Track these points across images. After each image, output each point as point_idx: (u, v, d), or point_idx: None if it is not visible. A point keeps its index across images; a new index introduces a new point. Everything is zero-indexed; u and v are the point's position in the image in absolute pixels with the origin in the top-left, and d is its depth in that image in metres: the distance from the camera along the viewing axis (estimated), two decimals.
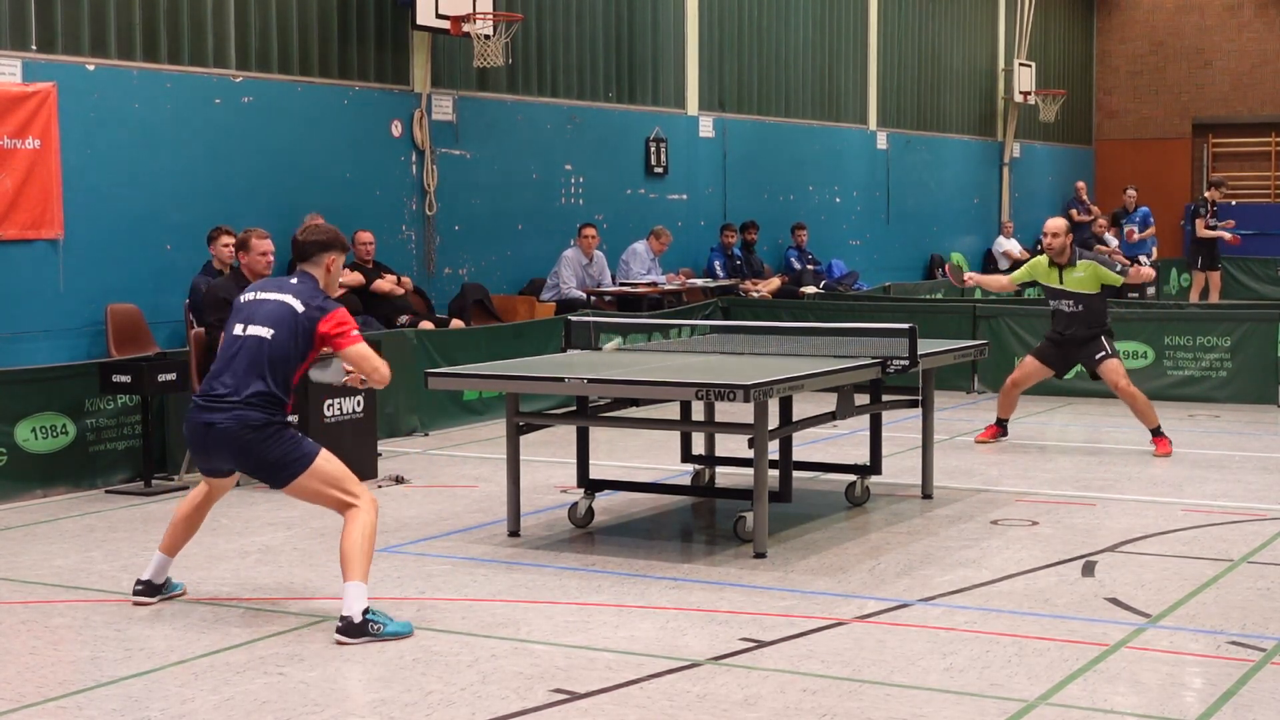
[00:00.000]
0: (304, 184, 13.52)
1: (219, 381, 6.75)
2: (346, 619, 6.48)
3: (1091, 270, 11.15)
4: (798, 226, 20.13)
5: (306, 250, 6.96)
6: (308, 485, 6.72)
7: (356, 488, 6.77)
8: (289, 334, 6.71)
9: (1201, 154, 29.63)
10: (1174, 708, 5.58)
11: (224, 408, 6.67)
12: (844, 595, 7.24)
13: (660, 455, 11.12)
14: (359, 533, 6.62)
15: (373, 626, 6.48)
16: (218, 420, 6.66)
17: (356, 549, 6.58)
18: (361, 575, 6.55)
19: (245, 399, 6.65)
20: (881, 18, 22.69)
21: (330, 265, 6.96)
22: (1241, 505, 9.32)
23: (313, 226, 7.11)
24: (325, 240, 6.97)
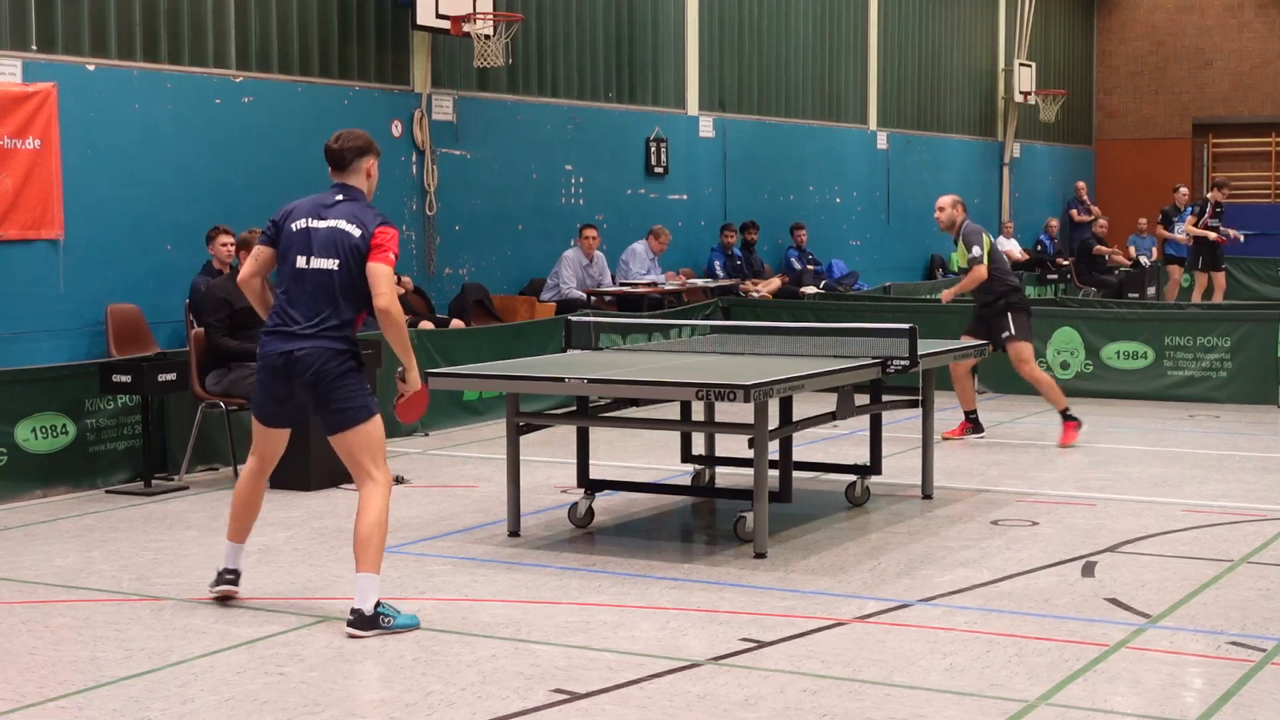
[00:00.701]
0: (304, 184, 13.38)
1: (295, 312, 6.70)
2: (358, 612, 6.52)
3: (961, 250, 11.54)
4: (796, 226, 20.13)
5: (345, 158, 6.83)
6: (352, 440, 6.73)
7: (383, 464, 6.81)
8: (356, 262, 6.66)
9: (1201, 154, 29.64)
10: (1174, 708, 5.58)
11: (305, 335, 6.66)
12: (844, 595, 7.24)
13: (660, 455, 11.12)
14: (374, 519, 6.64)
15: (383, 620, 6.53)
16: (298, 348, 6.65)
17: (372, 537, 6.60)
18: (374, 567, 6.59)
19: (323, 330, 6.65)
20: (881, 18, 22.70)
21: (369, 170, 6.88)
22: (1241, 505, 9.32)
23: (346, 133, 6.91)
24: (362, 145, 6.85)
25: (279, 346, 6.72)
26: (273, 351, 6.74)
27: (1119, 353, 14.32)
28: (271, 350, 6.75)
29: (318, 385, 6.69)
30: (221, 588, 7.11)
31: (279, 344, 6.72)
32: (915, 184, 23.72)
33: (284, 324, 6.73)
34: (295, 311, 6.71)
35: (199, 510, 9.48)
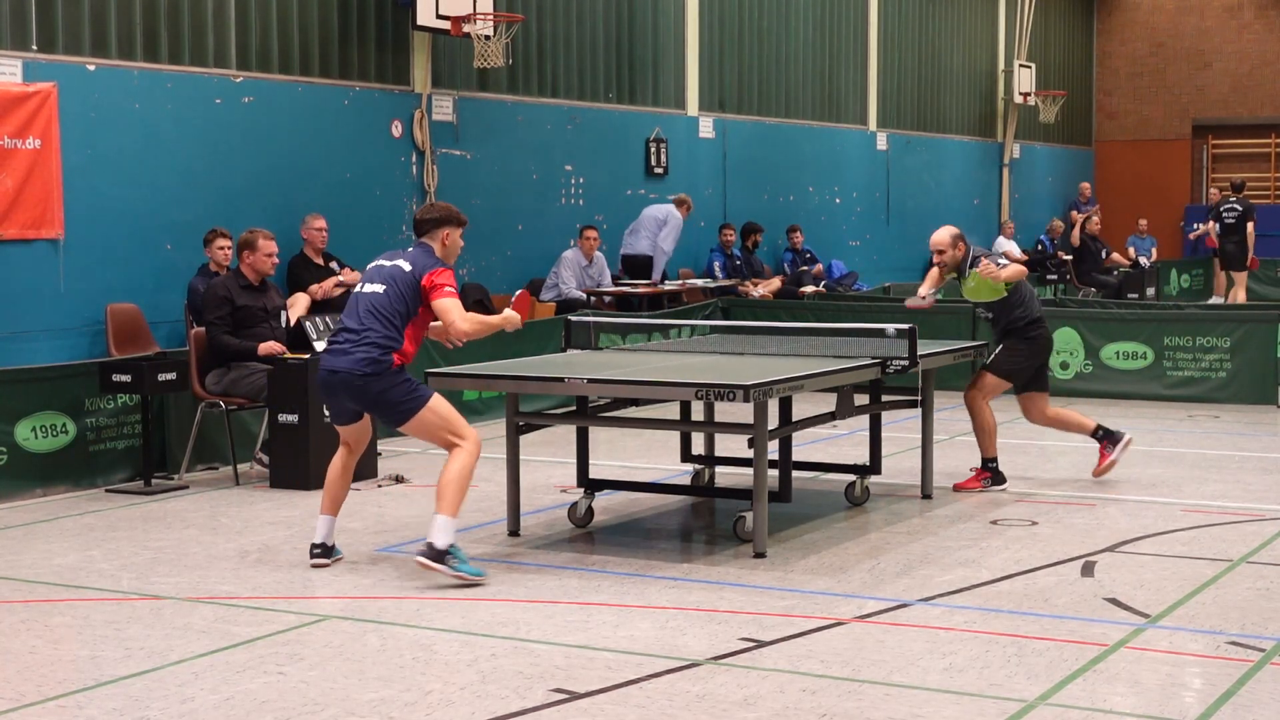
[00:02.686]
0: (304, 184, 13.52)
1: (341, 331, 7.59)
2: (430, 545, 7.29)
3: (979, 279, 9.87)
4: (791, 229, 20.10)
5: (422, 226, 7.83)
6: (422, 424, 7.50)
7: (465, 430, 7.55)
8: (398, 288, 7.55)
9: (1201, 155, 29.64)
10: (1173, 708, 5.58)
11: (345, 350, 7.49)
12: (843, 595, 7.25)
13: (660, 455, 11.12)
14: (457, 469, 7.40)
15: (450, 560, 7.27)
16: (339, 362, 7.49)
17: (452, 484, 7.36)
18: (451, 510, 7.32)
19: (362, 341, 7.45)
20: (881, 18, 22.70)
21: (445, 239, 7.78)
22: (1241, 505, 9.33)
23: (428, 205, 8.05)
24: (439, 217, 7.81)
25: (326, 361, 7.60)
26: (322, 366, 7.62)
27: (1118, 353, 14.32)
28: (321, 365, 7.64)
29: (361, 393, 7.51)
30: (314, 561, 7.82)
31: (325, 359, 7.62)
32: (915, 185, 23.73)
33: (332, 340, 7.65)
34: (341, 333, 7.60)
35: (199, 509, 9.48)
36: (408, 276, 7.59)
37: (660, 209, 17.04)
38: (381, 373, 7.44)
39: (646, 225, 16.94)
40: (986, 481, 9.90)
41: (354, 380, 7.44)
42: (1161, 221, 28.74)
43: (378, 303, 7.54)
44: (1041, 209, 27.54)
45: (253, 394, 10.41)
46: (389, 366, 7.46)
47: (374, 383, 7.44)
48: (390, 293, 7.55)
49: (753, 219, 19.20)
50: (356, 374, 7.43)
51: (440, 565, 7.27)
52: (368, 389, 7.45)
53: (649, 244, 16.90)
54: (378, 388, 7.44)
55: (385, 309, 7.53)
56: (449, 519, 7.32)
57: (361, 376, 7.43)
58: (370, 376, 7.43)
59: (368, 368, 7.42)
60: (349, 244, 13.65)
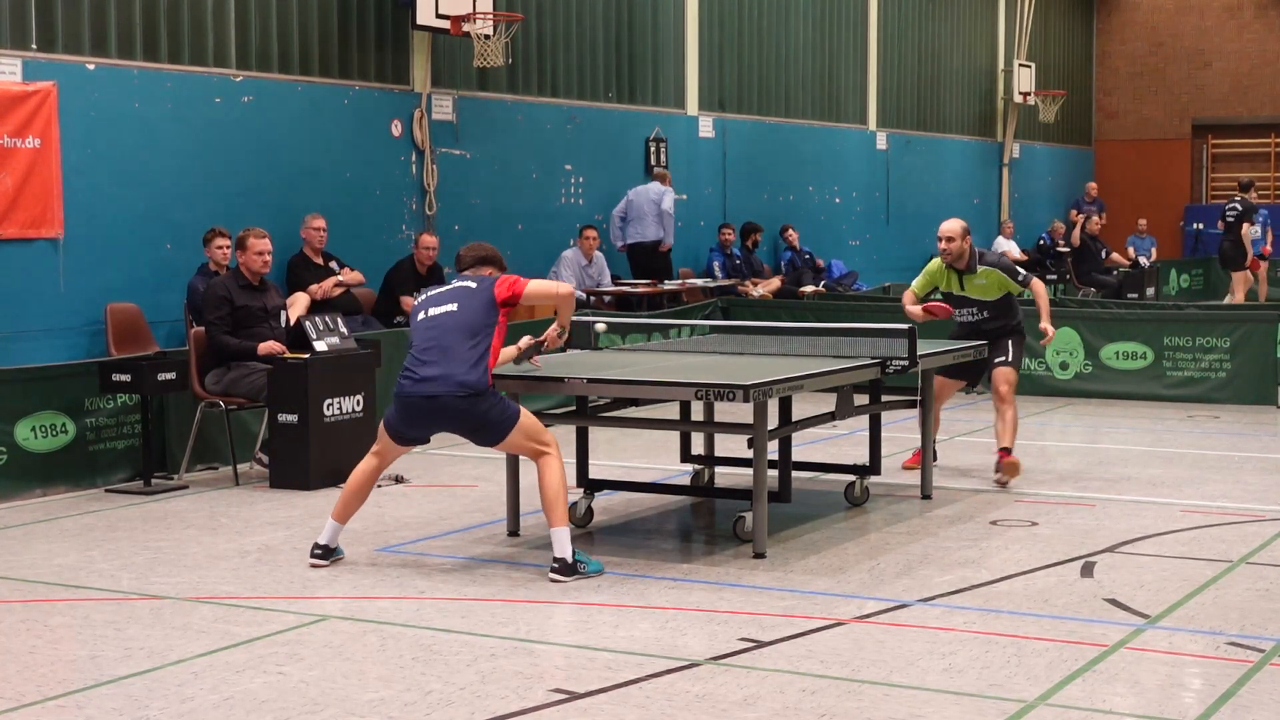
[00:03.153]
0: (304, 184, 13.52)
1: (427, 356, 7.54)
2: (561, 560, 7.44)
3: (995, 277, 10.17)
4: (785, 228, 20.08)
5: (463, 263, 8.09)
6: (515, 440, 7.63)
7: (548, 438, 7.67)
8: (472, 304, 7.63)
9: (1201, 155, 29.65)
10: (1173, 708, 5.58)
11: (441, 378, 7.46)
12: (843, 595, 7.25)
13: (660, 455, 11.12)
14: (555, 480, 7.51)
15: (580, 566, 7.47)
16: (438, 388, 7.46)
17: (557, 497, 7.47)
18: (564, 521, 7.49)
19: (461, 363, 7.47)
20: (881, 18, 22.70)
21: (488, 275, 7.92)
22: (1241, 506, 9.33)
23: (472, 245, 8.27)
24: (483, 256, 8.13)
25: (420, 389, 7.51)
26: (415, 394, 7.53)
27: (1118, 353, 14.32)
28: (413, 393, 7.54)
29: (464, 418, 7.54)
30: (312, 561, 7.84)
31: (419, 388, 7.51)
32: (915, 184, 23.73)
33: (417, 369, 7.56)
34: (428, 357, 7.55)
35: (198, 509, 9.48)
36: (476, 292, 7.69)
37: (652, 191, 16.99)
38: (484, 393, 7.48)
39: (646, 210, 16.92)
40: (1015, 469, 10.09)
41: (459, 404, 7.44)
42: (1161, 221, 28.75)
43: (459, 322, 7.57)
44: (1041, 209, 27.54)
45: (252, 394, 10.41)
46: (486, 385, 7.51)
47: (479, 403, 7.46)
48: (464, 308, 7.61)
49: (752, 219, 19.20)
50: (460, 396, 7.43)
51: (573, 576, 7.43)
52: (473, 410, 7.47)
53: (656, 229, 16.93)
54: (482, 408, 7.48)
55: (468, 327, 7.56)
56: (565, 530, 7.47)
57: (467, 399, 7.43)
58: (475, 398, 7.45)
59: (472, 390, 7.44)
60: (349, 244, 13.65)
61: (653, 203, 16.94)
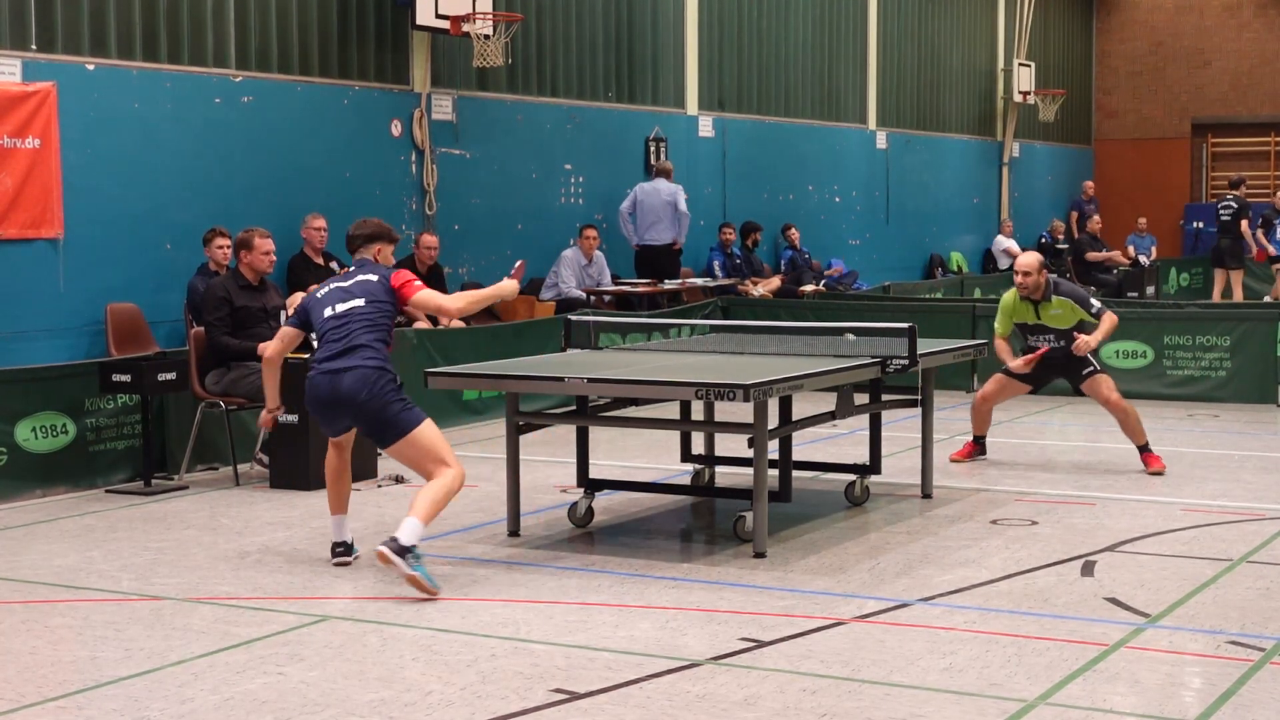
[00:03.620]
0: (304, 184, 13.52)
1: (335, 350, 7.51)
2: (395, 540, 7.16)
3: (1068, 308, 10.54)
4: (786, 227, 20.10)
5: (354, 242, 7.93)
6: (407, 448, 7.47)
7: (451, 459, 7.50)
8: (376, 299, 7.62)
9: (1201, 154, 29.64)
10: (1173, 708, 5.58)
11: (346, 367, 7.44)
12: (843, 595, 7.25)
13: (660, 455, 11.12)
14: (441, 485, 7.38)
15: (410, 558, 7.14)
16: (344, 381, 7.43)
17: (430, 496, 7.33)
18: (425, 517, 7.25)
19: (363, 355, 7.46)
20: (881, 18, 22.70)
21: (377, 255, 7.91)
22: (1241, 505, 9.33)
23: (361, 221, 8.06)
24: (370, 233, 7.95)
25: (324, 380, 7.50)
26: (320, 384, 7.52)
27: (1118, 352, 14.32)
28: (318, 383, 7.53)
29: (361, 409, 7.45)
30: (336, 560, 7.86)
31: (323, 378, 7.51)
32: (915, 184, 23.73)
33: (324, 358, 7.53)
34: (332, 349, 7.52)
35: (199, 510, 9.48)
36: (378, 283, 7.66)
37: (664, 191, 16.98)
38: (381, 389, 7.43)
39: (661, 212, 16.92)
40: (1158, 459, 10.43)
41: (358, 398, 7.42)
42: (1161, 220, 28.74)
43: (366, 317, 7.56)
44: (1041, 208, 27.54)
45: (253, 394, 10.40)
46: (389, 379, 7.48)
47: (377, 400, 7.42)
48: (373, 305, 7.60)
49: (752, 218, 19.20)
50: (360, 392, 7.41)
51: (400, 560, 7.14)
52: (370, 405, 7.43)
53: (671, 230, 16.95)
54: (377, 404, 7.43)
55: (375, 323, 7.56)
56: (419, 524, 7.23)
57: (368, 394, 7.41)
58: (375, 394, 7.42)
59: (367, 386, 7.42)
60: None
61: (667, 204, 16.92)
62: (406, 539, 7.17)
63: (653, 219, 16.98)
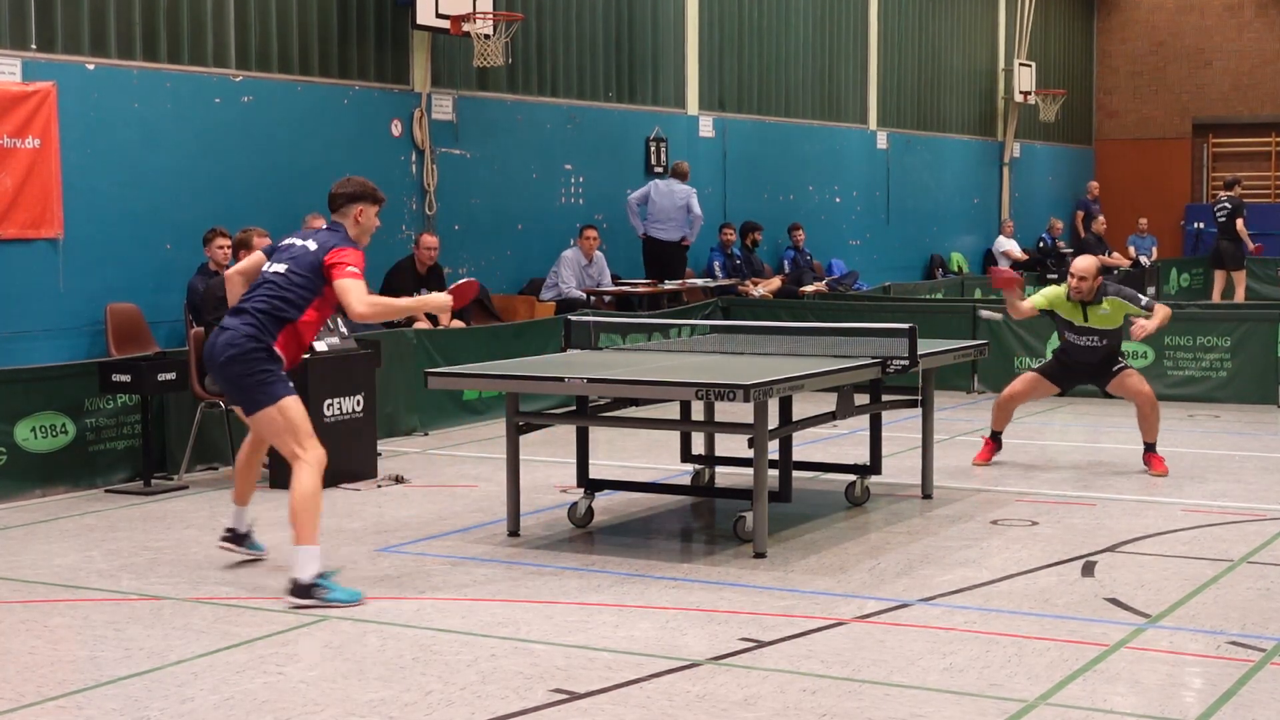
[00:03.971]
0: (304, 184, 13.51)
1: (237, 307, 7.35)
2: (295, 580, 6.98)
3: (1117, 306, 10.49)
4: (793, 227, 20.12)
5: (335, 201, 7.48)
6: (264, 425, 7.27)
7: (310, 441, 7.24)
8: (299, 269, 7.29)
9: (1201, 154, 29.64)
10: (1174, 708, 5.58)
11: (227, 325, 7.27)
12: (844, 595, 7.24)
13: (660, 455, 11.12)
14: (303, 492, 7.11)
15: (318, 591, 6.96)
16: (220, 336, 7.27)
17: (304, 511, 7.06)
18: (311, 539, 7.03)
19: (245, 317, 7.23)
20: (881, 18, 22.70)
21: (359, 216, 7.44)
22: (1241, 505, 9.32)
23: (345, 180, 7.59)
24: (353, 192, 7.46)
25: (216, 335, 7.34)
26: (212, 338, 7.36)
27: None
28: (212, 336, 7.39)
29: (224, 370, 7.26)
30: (220, 544, 7.87)
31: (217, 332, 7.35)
32: (915, 184, 23.72)
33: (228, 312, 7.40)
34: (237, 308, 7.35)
35: (198, 510, 9.48)
36: (311, 257, 7.29)
37: (677, 194, 17.01)
38: (245, 355, 7.15)
39: (672, 214, 16.97)
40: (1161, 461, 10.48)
41: (217, 359, 7.23)
42: (1162, 220, 28.74)
43: (277, 285, 7.28)
44: (1042, 208, 27.54)
45: None
46: (260, 349, 7.17)
47: (235, 365, 7.17)
48: (291, 273, 7.28)
49: (753, 218, 19.19)
50: (223, 354, 7.19)
51: (309, 600, 6.93)
52: (229, 369, 7.20)
53: (680, 230, 16.99)
54: (240, 369, 7.17)
55: (282, 290, 7.26)
56: (311, 549, 7.01)
57: (226, 357, 7.18)
58: (234, 358, 7.17)
59: (232, 349, 7.16)
60: None
61: (679, 207, 16.99)
62: (307, 575, 6.98)
63: (663, 217, 17.03)
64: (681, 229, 17.09)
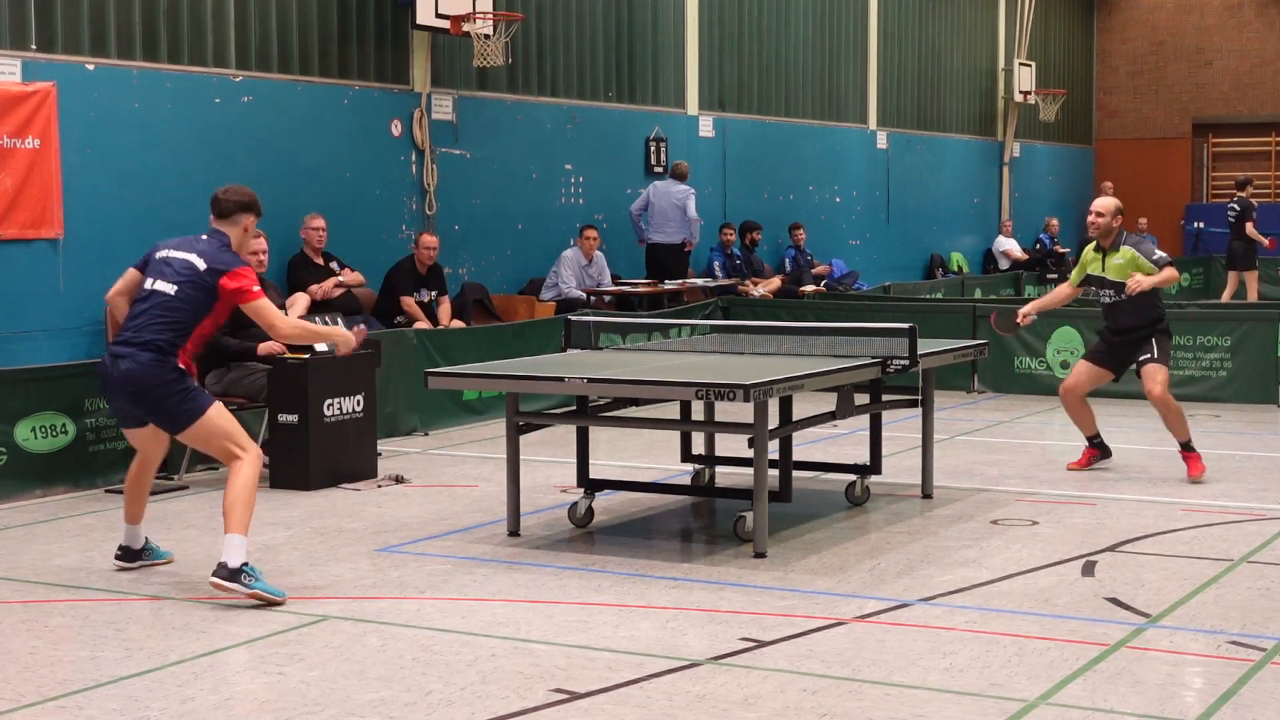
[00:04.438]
0: (304, 184, 13.51)
1: (125, 330, 7.34)
2: (223, 564, 7.06)
3: (1129, 257, 10.18)
4: (794, 227, 20.11)
5: (225, 208, 7.47)
6: (202, 429, 7.30)
7: (245, 441, 7.36)
8: (190, 289, 7.26)
9: (1201, 154, 29.64)
10: (1174, 708, 5.58)
11: (125, 354, 7.23)
12: (844, 595, 7.24)
13: (660, 455, 11.12)
14: (241, 485, 7.20)
15: (244, 578, 7.04)
16: (120, 365, 7.23)
17: (239, 502, 7.16)
18: (242, 528, 7.13)
19: (144, 344, 7.20)
20: (881, 18, 22.70)
21: (248, 225, 7.50)
22: (1241, 505, 9.32)
23: (234, 188, 7.61)
24: (246, 201, 7.50)
25: (107, 363, 7.34)
26: (104, 366, 7.37)
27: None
28: (104, 366, 7.39)
29: (140, 398, 7.29)
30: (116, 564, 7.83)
31: (108, 360, 7.35)
32: (915, 184, 23.72)
33: (116, 340, 7.36)
34: (125, 331, 7.33)
35: (198, 510, 9.48)
36: (201, 277, 7.25)
37: (675, 194, 17.03)
38: (163, 379, 7.21)
39: (670, 214, 16.99)
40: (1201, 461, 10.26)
41: (130, 385, 7.22)
42: (1162, 220, 28.74)
43: (167, 305, 7.24)
44: (1042, 208, 27.54)
45: (252, 394, 10.41)
46: (170, 370, 7.23)
47: (154, 388, 7.21)
48: (182, 295, 7.25)
49: (753, 218, 19.19)
50: (132, 377, 7.20)
51: (234, 584, 7.01)
52: (147, 394, 7.23)
53: (680, 231, 17.00)
54: (158, 394, 7.22)
55: (174, 312, 7.24)
56: (240, 537, 7.10)
57: (139, 381, 7.20)
58: (150, 382, 7.20)
59: (147, 372, 7.18)
60: (348, 244, 13.65)
61: (676, 207, 17.01)
62: (234, 560, 7.05)
63: (662, 220, 17.06)
64: (682, 231, 17.11)
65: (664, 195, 17.06)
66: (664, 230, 17.09)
